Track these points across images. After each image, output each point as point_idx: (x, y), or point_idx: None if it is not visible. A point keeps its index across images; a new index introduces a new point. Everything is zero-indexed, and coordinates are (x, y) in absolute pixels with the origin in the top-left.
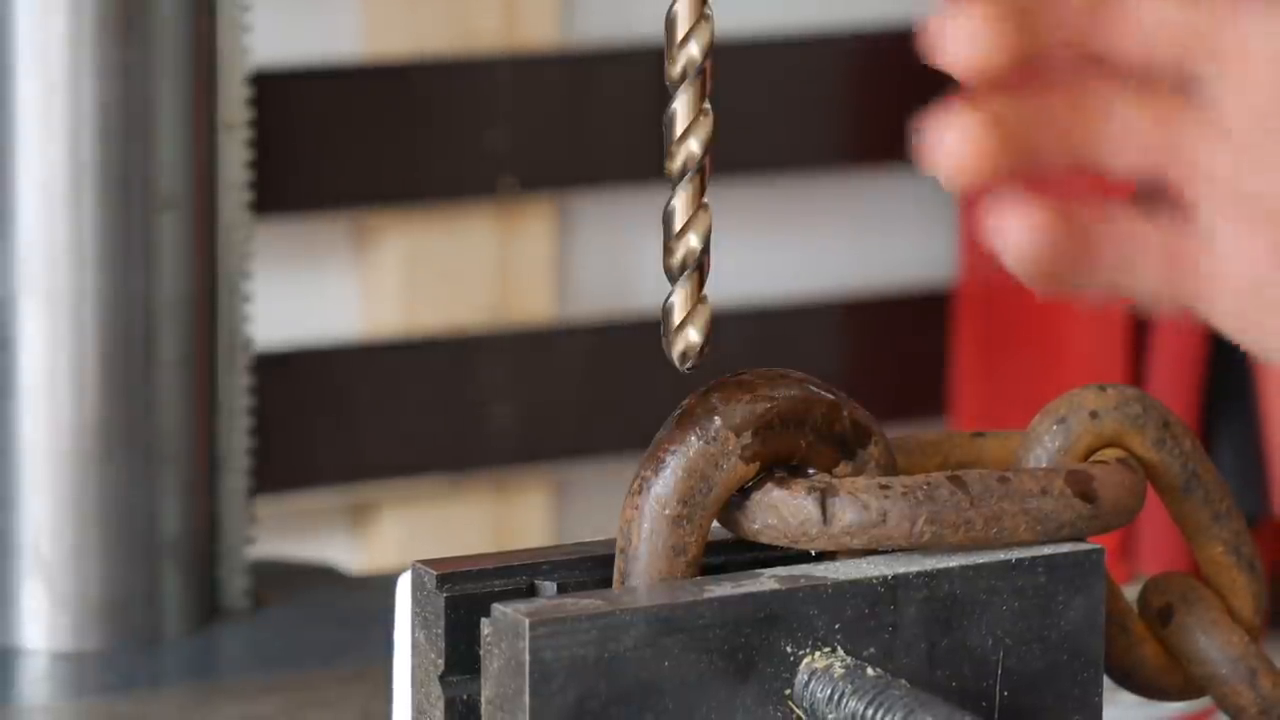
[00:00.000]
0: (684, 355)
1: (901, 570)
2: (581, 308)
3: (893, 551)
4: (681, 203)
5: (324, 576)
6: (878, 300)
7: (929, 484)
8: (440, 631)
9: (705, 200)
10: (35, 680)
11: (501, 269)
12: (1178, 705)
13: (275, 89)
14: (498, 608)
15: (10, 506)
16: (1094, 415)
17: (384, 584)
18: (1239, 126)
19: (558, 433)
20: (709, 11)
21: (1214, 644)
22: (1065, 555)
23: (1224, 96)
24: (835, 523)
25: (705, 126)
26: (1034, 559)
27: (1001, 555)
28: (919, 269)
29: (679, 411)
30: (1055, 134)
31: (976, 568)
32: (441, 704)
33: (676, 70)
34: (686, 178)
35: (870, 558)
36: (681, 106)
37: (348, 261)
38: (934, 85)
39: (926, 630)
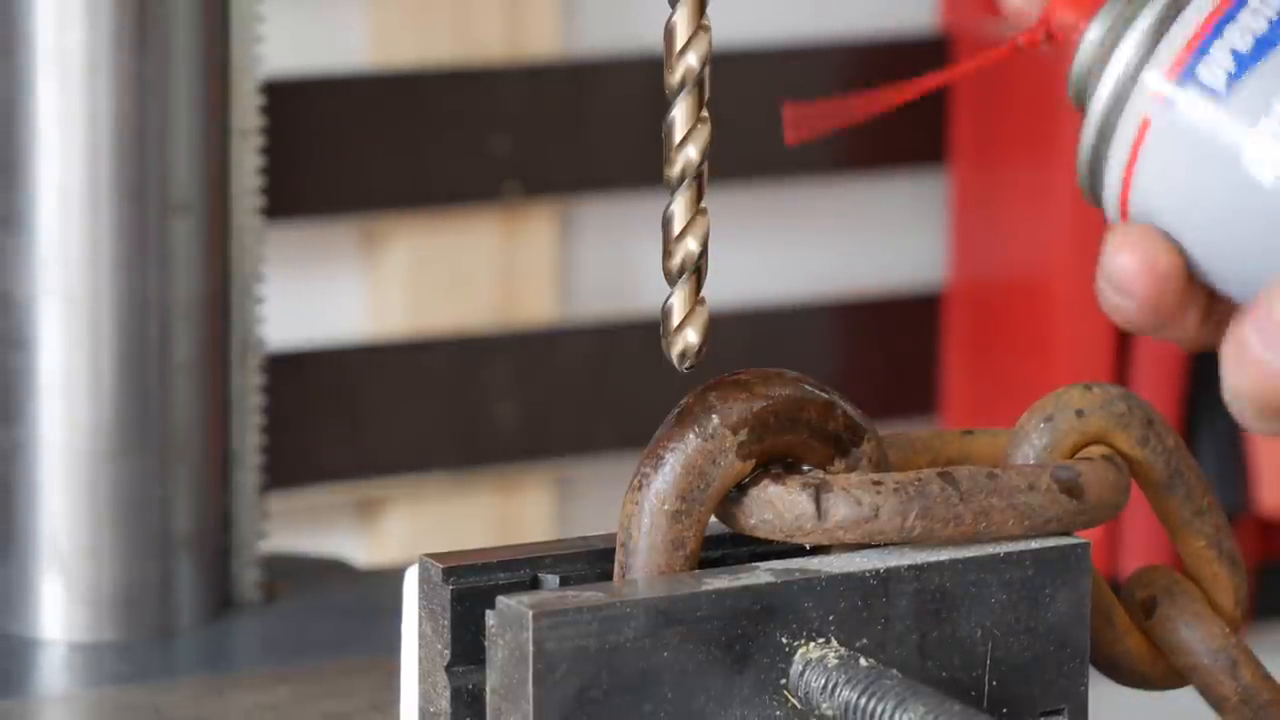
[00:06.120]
0: (683, 355)
1: (893, 564)
2: (583, 309)
3: (885, 546)
4: (680, 207)
5: (334, 570)
6: (870, 302)
7: (920, 480)
8: (446, 623)
9: (703, 205)
10: (53, 670)
11: (505, 271)
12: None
13: (286, 97)
14: (502, 600)
15: (29, 503)
16: (1080, 413)
17: (392, 577)
18: None
19: (560, 431)
20: (707, 22)
21: (1197, 635)
22: (1052, 549)
23: None
24: (829, 518)
25: (703, 133)
26: (1022, 553)
27: (990, 549)
28: (910, 271)
29: (678, 410)
30: None
31: (966, 561)
32: (448, 693)
33: (675, 79)
34: (685, 183)
35: (863, 552)
36: (680, 114)
37: (356, 264)
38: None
39: (917, 622)
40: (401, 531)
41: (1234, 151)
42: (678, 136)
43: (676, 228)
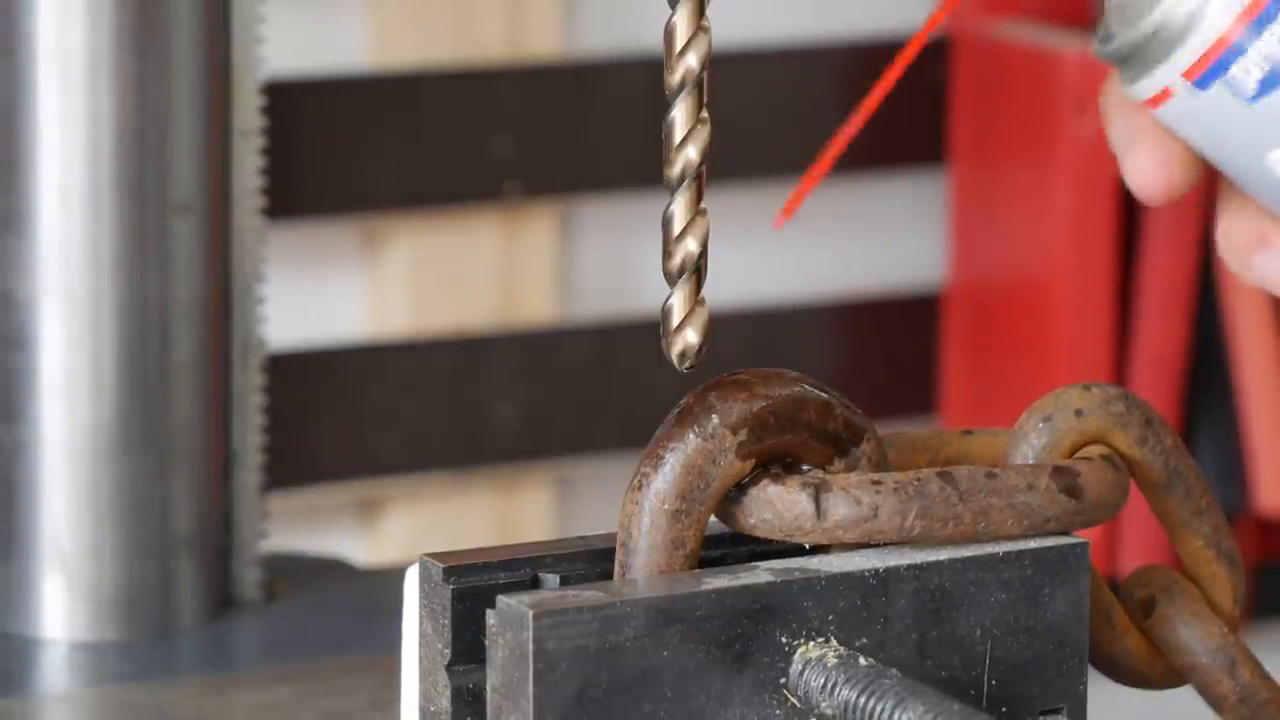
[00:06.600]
0: (682, 355)
1: (892, 563)
2: (583, 309)
3: (884, 545)
4: (680, 208)
5: (334, 569)
6: (869, 302)
7: (919, 480)
8: (447, 622)
9: (703, 205)
10: (55, 669)
11: (506, 272)
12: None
13: (287, 98)
14: (502, 599)
15: (31, 502)
16: (1079, 413)
17: (392, 577)
18: None
19: (560, 430)
20: (706, 23)
21: (1195, 635)
22: (1051, 549)
23: None
24: (829, 517)
25: (703, 134)
26: (1021, 552)
27: (989, 549)
28: (909, 271)
29: (678, 410)
30: None
31: (965, 561)
32: (448, 693)
33: (675, 79)
34: (685, 184)
35: (862, 551)
36: (680, 115)
37: (357, 264)
38: (920, 93)
39: (917, 621)
40: (402, 531)
41: (1258, 151)
42: (678, 137)
43: (676, 228)
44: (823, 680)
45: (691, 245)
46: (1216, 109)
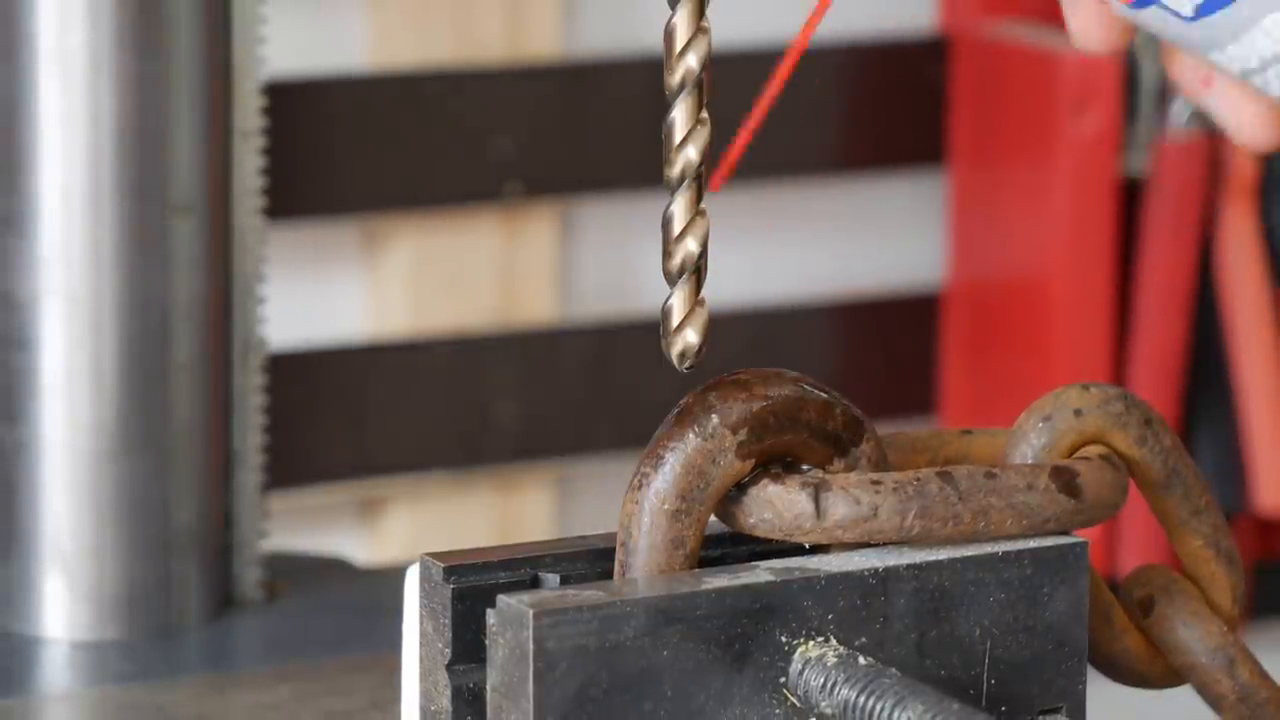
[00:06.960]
0: (682, 355)
1: (892, 563)
2: (583, 310)
3: (884, 545)
4: (680, 208)
5: (335, 569)
6: (869, 302)
7: (919, 480)
8: (447, 622)
9: (703, 206)
10: (56, 669)
11: (506, 272)
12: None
13: (288, 98)
14: (503, 599)
15: (32, 502)
16: (1078, 413)
17: (393, 576)
18: None
19: (560, 430)
20: (706, 24)
21: (1194, 634)
22: (1050, 548)
23: None
24: (828, 517)
25: (703, 134)
26: (1020, 552)
27: (989, 548)
28: (908, 272)
29: (678, 410)
30: None
31: (964, 560)
32: (448, 692)
33: (675, 80)
34: (685, 184)
35: (862, 551)
36: (680, 115)
37: (357, 264)
38: (920, 93)
39: (916, 621)
40: (402, 531)
41: (1195, 51)
42: (677, 137)
43: (676, 228)
44: (822, 679)
45: (691, 245)
46: (1154, 21)
